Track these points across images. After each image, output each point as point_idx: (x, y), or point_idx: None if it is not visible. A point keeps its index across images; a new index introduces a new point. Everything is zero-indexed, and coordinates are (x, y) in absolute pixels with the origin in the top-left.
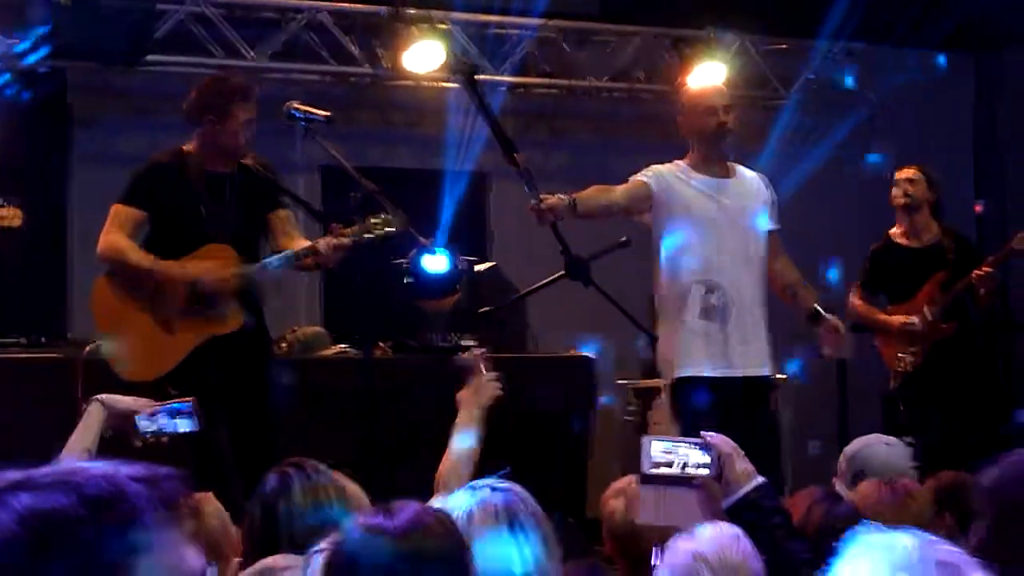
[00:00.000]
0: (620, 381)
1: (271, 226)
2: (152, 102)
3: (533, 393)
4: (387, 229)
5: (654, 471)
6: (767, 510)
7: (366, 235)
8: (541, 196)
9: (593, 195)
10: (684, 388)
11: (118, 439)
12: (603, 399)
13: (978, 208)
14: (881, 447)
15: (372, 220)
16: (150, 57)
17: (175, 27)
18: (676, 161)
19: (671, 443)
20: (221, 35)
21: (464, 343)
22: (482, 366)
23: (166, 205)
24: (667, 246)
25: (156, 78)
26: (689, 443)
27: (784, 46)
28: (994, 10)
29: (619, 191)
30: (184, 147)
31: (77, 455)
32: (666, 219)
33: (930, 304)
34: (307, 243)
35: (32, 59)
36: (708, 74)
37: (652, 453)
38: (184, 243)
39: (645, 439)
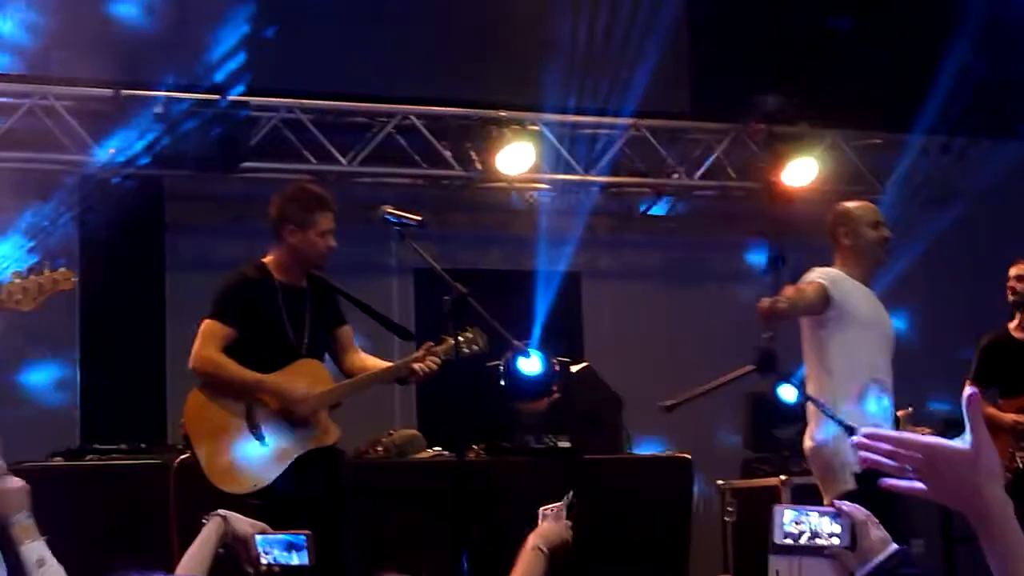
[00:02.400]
0: (719, 482)
1: (338, 341)
2: (247, 208)
3: (629, 494)
4: (473, 348)
5: (786, 541)
6: None
7: (454, 353)
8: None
9: (795, 297)
10: (870, 481)
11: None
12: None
13: None
14: None
15: (460, 338)
16: (244, 164)
17: (269, 133)
18: (830, 269)
19: (803, 512)
20: (314, 140)
21: (560, 444)
22: (563, 511)
23: (252, 320)
24: (841, 346)
25: (250, 184)
26: (821, 512)
27: (878, 141)
28: None
29: (810, 292)
30: (264, 259)
31: (193, 571)
32: (840, 321)
33: None
34: (382, 363)
35: (128, 168)
36: (800, 171)
37: (784, 523)
38: (268, 357)
39: (777, 508)
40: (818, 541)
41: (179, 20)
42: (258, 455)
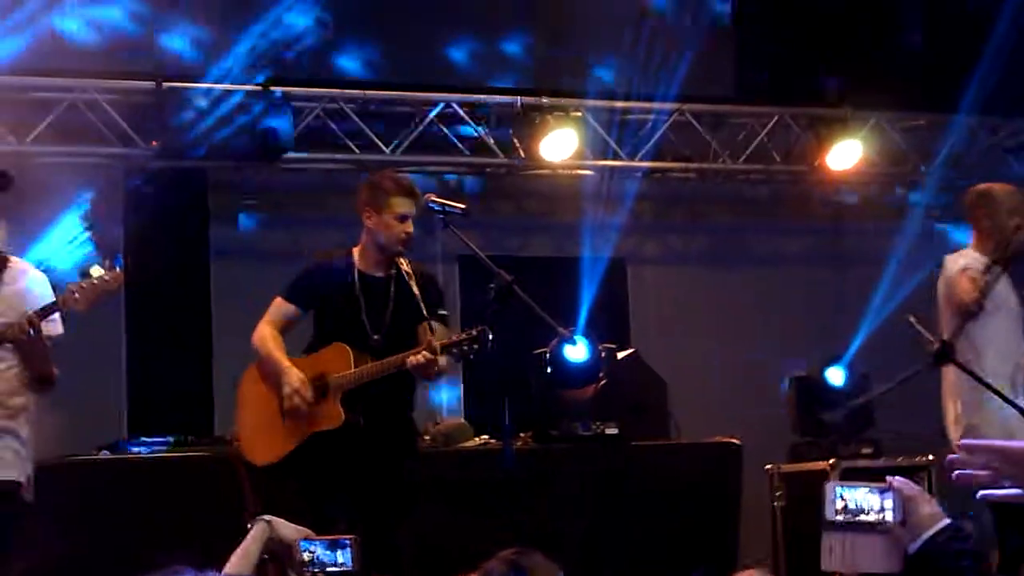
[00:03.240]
0: (767, 467)
1: (419, 336)
2: (290, 198)
3: (677, 481)
4: (473, 347)
5: (838, 518)
6: (954, 553)
7: (453, 351)
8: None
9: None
10: None
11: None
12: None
13: None
14: None
15: (455, 338)
16: (287, 155)
17: (312, 123)
18: (970, 251)
19: (854, 489)
20: (357, 130)
21: (607, 431)
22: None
23: (327, 305)
24: (991, 330)
25: (294, 174)
26: (872, 488)
27: (921, 122)
28: None
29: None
30: (355, 248)
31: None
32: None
33: None
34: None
35: (172, 160)
36: (845, 153)
37: (835, 500)
38: (338, 341)
39: (828, 485)
40: (870, 517)
41: (221, 11)
42: (275, 431)
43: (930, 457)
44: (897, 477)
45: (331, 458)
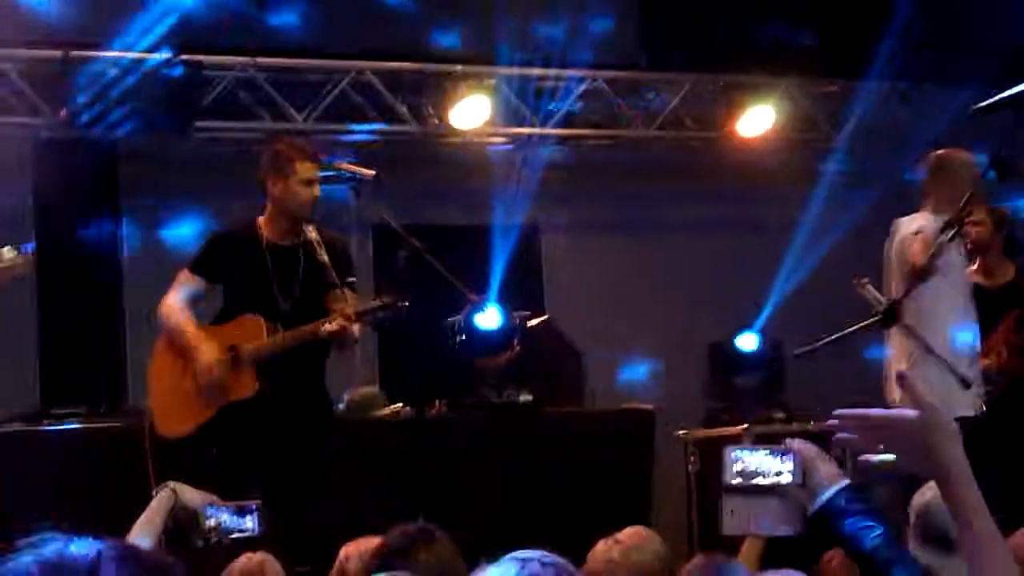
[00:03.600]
0: (680, 432)
1: (328, 304)
2: (201, 168)
3: (591, 447)
4: (389, 313)
5: (737, 481)
6: (854, 513)
7: (366, 317)
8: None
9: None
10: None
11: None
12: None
13: None
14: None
15: (370, 304)
16: (199, 123)
17: (223, 92)
18: (925, 214)
19: (752, 452)
20: (268, 99)
21: (520, 398)
22: None
23: (234, 277)
24: (938, 295)
25: (205, 144)
26: (770, 450)
27: (832, 88)
28: None
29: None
30: (259, 217)
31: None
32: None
33: (1006, 343)
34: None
35: (81, 130)
36: (756, 120)
37: (734, 463)
38: (248, 312)
39: (727, 449)
40: (768, 480)
41: None
42: (186, 402)
43: (852, 435)
44: (796, 439)
45: (245, 428)
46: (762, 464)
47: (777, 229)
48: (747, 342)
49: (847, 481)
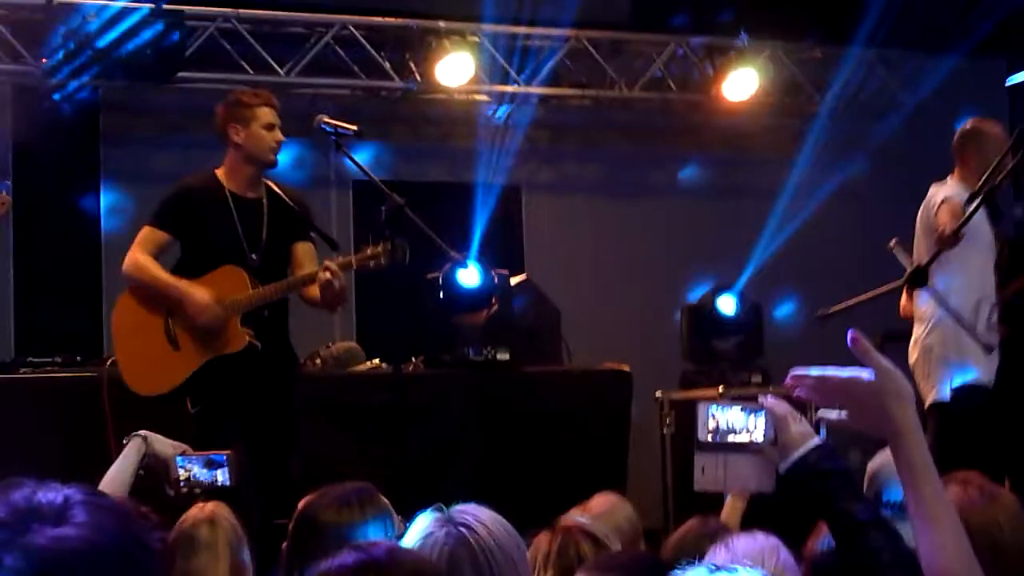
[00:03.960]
0: (657, 393)
1: (293, 256)
2: (183, 119)
3: (568, 407)
4: (384, 260)
5: (709, 438)
6: (824, 472)
7: (367, 264)
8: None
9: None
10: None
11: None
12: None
13: (1019, 211)
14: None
15: (370, 251)
16: (181, 74)
17: (205, 44)
18: (953, 182)
19: (726, 408)
20: (251, 51)
21: (498, 356)
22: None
23: (199, 230)
24: (964, 261)
25: (187, 95)
26: (744, 407)
27: (817, 54)
28: None
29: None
30: (216, 170)
31: (114, 492)
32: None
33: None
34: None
35: (62, 78)
36: (741, 83)
37: (707, 420)
38: (215, 266)
39: (700, 406)
40: (740, 436)
41: None
42: (169, 359)
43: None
44: (769, 396)
45: (226, 382)
46: (735, 421)
47: (759, 193)
48: (726, 304)
49: (819, 440)
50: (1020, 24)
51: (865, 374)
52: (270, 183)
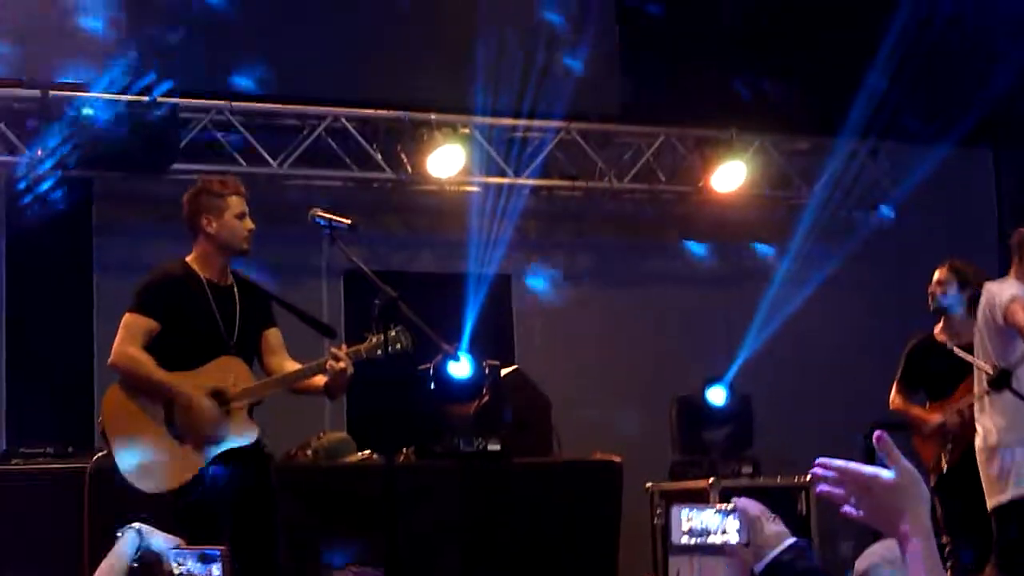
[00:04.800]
0: (648, 484)
1: (266, 342)
2: (176, 210)
3: (558, 498)
4: (396, 347)
5: (684, 541)
6: (799, 571)
7: (374, 352)
8: None
9: None
10: None
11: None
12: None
13: None
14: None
15: (375, 339)
16: (175, 166)
17: (199, 135)
18: (1013, 281)
19: (699, 511)
20: (244, 142)
21: (489, 447)
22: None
23: (179, 316)
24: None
25: (180, 186)
26: (717, 509)
27: (805, 145)
28: (1013, 105)
29: None
30: (187, 258)
31: None
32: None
33: (967, 404)
34: (295, 364)
35: (57, 169)
36: (730, 174)
37: (681, 522)
38: (198, 354)
39: (674, 508)
40: (715, 538)
41: (112, 19)
42: (173, 454)
43: (808, 477)
44: (742, 498)
45: (229, 474)
46: (709, 523)
47: (749, 284)
48: (716, 396)
49: (792, 540)
50: (1006, 115)
51: (885, 472)
52: (235, 271)
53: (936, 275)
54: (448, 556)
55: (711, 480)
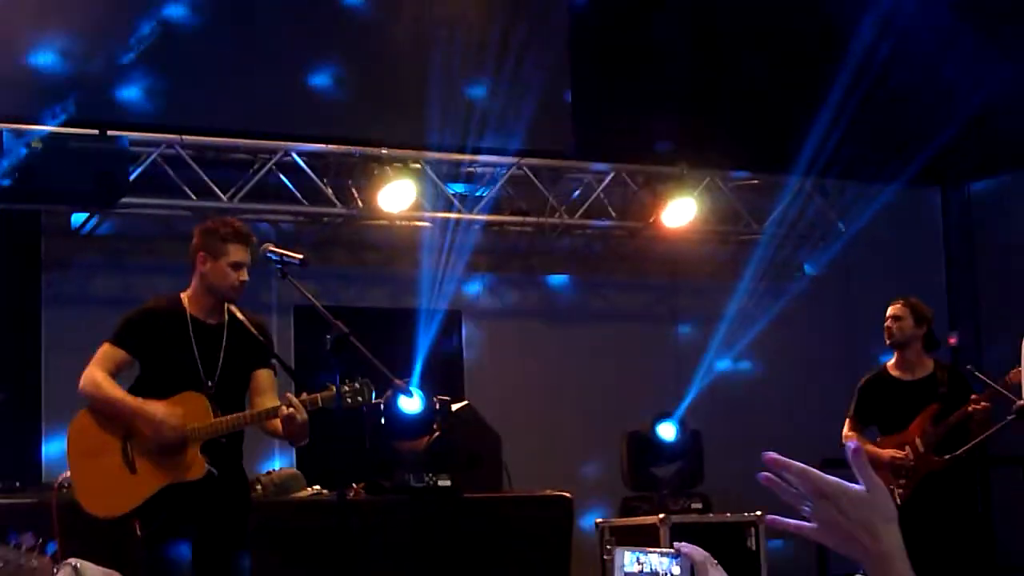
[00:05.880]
0: (598, 520)
1: (252, 384)
2: (125, 244)
3: (509, 533)
4: (357, 399)
5: None
6: None
7: (331, 403)
8: None
9: None
10: None
11: None
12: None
13: (952, 340)
14: None
15: (343, 389)
16: (123, 200)
17: (148, 169)
18: None
19: (643, 554)
20: (194, 177)
21: (439, 483)
22: None
23: (158, 353)
24: None
25: (129, 220)
26: (662, 553)
27: (755, 182)
28: (960, 146)
29: None
30: (183, 293)
31: None
32: None
33: (922, 436)
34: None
35: (3, 202)
36: (680, 211)
37: (624, 564)
38: (171, 389)
39: (617, 551)
40: None
41: (60, 53)
42: (125, 481)
43: (758, 513)
44: (685, 544)
45: (180, 507)
46: (652, 566)
47: (699, 319)
48: (666, 431)
49: None
50: (954, 155)
51: (857, 488)
52: (233, 309)
53: (891, 310)
54: None
55: (661, 516)
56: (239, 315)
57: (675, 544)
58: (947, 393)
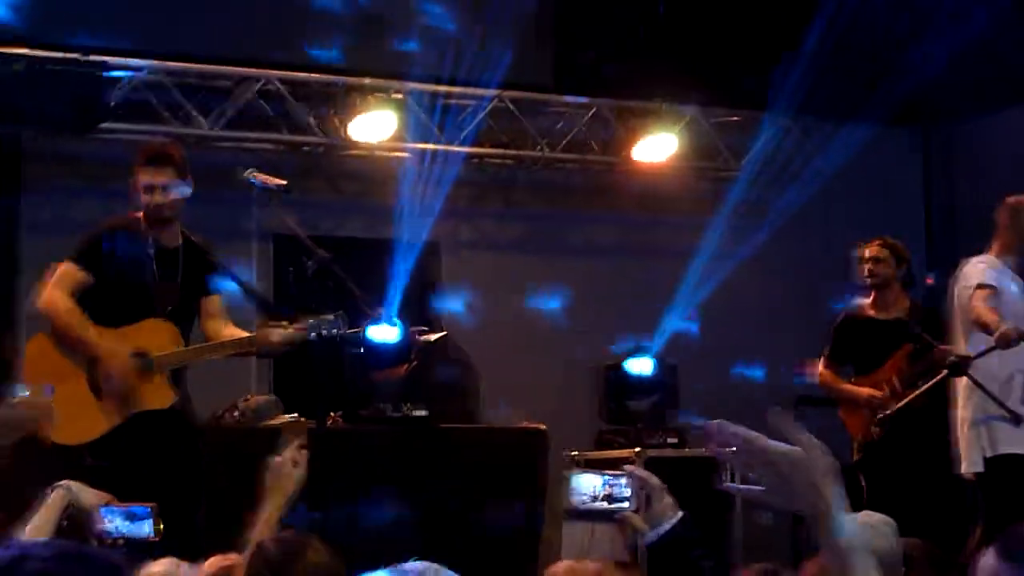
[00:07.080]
0: (572, 453)
1: (203, 308)
2: (104, 169)
3: (484, 465)
4: (332, 331)
5: (579, 506)
6: (689, 542)
7: (311, 333)
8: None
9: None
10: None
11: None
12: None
13: (929, 280)
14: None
15: (316, 320)
16: (103, 125)
17: (129, 94)
18: (989, 257)
19: (596, 477)
20: (174, 102)
21: (416, 413)
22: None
23: (115, 273)
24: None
25: (109, 145)
26: (614, 477)
27: (736, 118)
28: (940, 85)
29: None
30: (141, 215)
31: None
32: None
33: (898, 375)
34: (240, 332)
35: None
36: (660, 146)
37: (578, 488)
38: (128, 313)
39: (568, 474)
40: (608, 505)
41: None
42: (90, 410)
43: (734, 449)
44: (635, 467)
45: (144, 437)
46: (601, 489)
47: (676, 255)
48: (642, 366)
49: (683, 513)
50: (933, 93)
51: (796, 449)
52: (186, 233)
53: (868, 251)
54: (373, 521)
55: (636, 450)
56: (192, 238)
57: (624, 467)
58: (923, 332)
